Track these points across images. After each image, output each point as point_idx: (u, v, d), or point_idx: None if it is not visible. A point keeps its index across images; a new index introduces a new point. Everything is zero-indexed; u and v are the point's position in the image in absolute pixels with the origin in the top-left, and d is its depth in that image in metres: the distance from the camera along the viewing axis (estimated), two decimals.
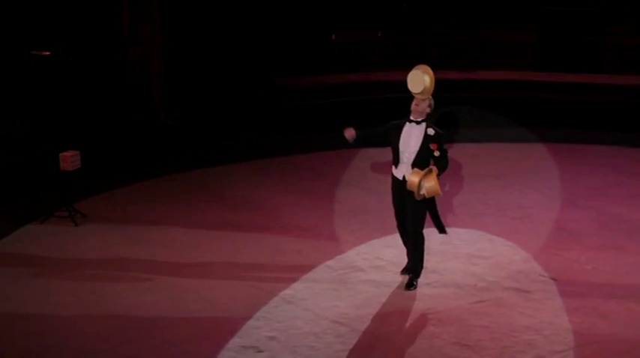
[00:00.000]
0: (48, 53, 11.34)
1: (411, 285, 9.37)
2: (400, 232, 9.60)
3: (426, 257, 9.54)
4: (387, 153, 9.38)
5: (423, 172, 9.06)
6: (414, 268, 9.45)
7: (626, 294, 9.23)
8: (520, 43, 17.72)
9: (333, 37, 17.63)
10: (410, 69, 9.27)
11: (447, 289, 9.36)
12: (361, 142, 9.54)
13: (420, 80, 9.16)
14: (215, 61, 16.80)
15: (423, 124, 9.18)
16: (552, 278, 9.60)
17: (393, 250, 10.13)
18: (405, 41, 17.74)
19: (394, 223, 9.59)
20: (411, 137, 9.17)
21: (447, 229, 9.66)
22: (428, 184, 9.05)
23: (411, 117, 9.22)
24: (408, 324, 8.67)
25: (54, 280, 9.55)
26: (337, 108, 15.92)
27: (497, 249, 10.40)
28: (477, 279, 9.55)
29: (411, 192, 9.10)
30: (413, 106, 9.21)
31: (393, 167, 9.37)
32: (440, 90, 9.55)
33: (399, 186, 9.30)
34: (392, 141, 9.29)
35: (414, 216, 9.27)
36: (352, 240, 10.57)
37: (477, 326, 8.57)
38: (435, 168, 9.11)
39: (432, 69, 9.26)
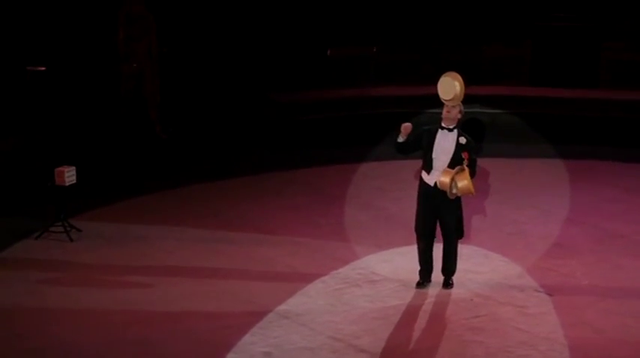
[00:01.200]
0: (43, 68, 11.36)
1: (448, 284, 9.60)
2: (419, 241, 9.55)
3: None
4: (381, 167, 9.38)
5: (453, 171, 9.11)
6: (453, 270, 9.63)
7: (621, 310, 9.21)
8: (515, 58, 17.74)
9: (328, 52, 17.64)
10: (405, 84, 9.29)
11: (442, 304, 9.34)
12: (404, 147, 9.46)
13: (450, 87, 9.23)
14: (211, 75, 16.81)
15: (455, 132, 9.29)
16: (548, 294, 9.58)
17: (388, 265, 10.12)
18: (401, 57, 17.74)
19: (389, 238, 9.59)
20: (445, 144, 9.27)
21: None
22: (461, 183, 9.12)
23: (443, 124, 9.32)
24: (403, 340, 8.64)
25: (48, 295, 9.52)
26: (333, 123, 15.91)
27: (493, 264, 10.39)
28: (473, 294, 9.54)
29: (446, 198, 9.15)
30: (444, 113, 9.32)
31: (424, 173, 9.40)
32: (437, 105, 9.55)
33: (431, 194, 9.32)
34: (424, 148, 9.37)
35: (451, 220, 9.42)
36: (348, 255, 10.55)
37: (472, 342, 8.55)
38: (466, 168, 9.19)
39: (427, 85, 9.28)
